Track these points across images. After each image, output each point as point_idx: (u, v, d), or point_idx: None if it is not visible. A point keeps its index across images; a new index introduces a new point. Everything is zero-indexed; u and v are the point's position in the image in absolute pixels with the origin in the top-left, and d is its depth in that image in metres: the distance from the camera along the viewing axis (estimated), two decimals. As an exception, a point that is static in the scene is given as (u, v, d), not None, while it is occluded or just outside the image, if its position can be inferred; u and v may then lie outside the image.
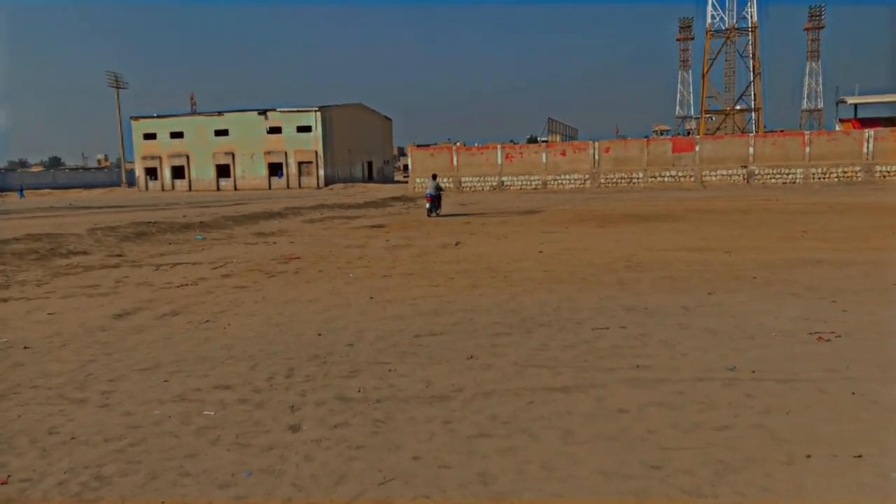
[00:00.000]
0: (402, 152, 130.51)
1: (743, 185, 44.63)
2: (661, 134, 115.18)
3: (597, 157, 47.65)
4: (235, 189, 72.31)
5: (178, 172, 76.26)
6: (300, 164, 71.89)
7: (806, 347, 6.01)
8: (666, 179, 46.45)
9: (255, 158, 72.90)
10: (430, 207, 24.48)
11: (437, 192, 24.64)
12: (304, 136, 71.27)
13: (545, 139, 76.75)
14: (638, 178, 46.92)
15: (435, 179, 25.52)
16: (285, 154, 71.81)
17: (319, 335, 6.99)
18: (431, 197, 24.53)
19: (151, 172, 77.71)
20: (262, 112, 72.29)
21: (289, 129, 71.70)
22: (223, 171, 74.36)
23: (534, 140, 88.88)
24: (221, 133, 73.94)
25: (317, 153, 71.03)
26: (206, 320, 7.86)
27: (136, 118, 78.02)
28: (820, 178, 44.21)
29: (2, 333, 7.44)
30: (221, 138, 73.91)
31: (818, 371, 5.32)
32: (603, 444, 4.08)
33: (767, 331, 6.61)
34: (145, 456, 4.07)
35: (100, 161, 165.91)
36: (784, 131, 60.37)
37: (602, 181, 47.46)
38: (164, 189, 76.01)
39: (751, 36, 73.44)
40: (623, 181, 47.16)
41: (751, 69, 74.64)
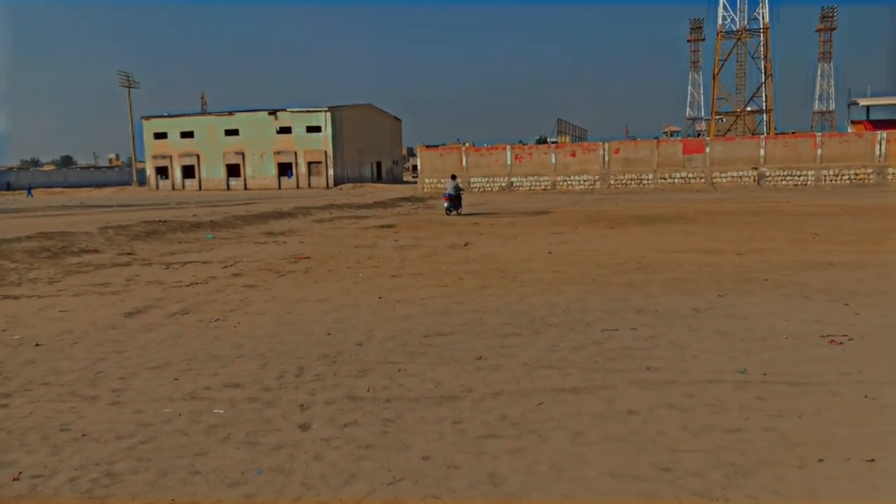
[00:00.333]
0: (411, 153, 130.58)
1: (753, 187, 44.38)
2: (672, 135, 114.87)
3: (606, 159, 47.51)
4: (245, 189, 72.55)
5: (188, 172, 76.59)
6: (310, 164, 72.06)
7: (818, 350, 5.97)
8: (676, 181, 46.26)
9: (264, 158, 73.13)
10: (449, 206, 25.29)
11: (456, 191, 25.42)
12: (313, 136, 71.43)
13: (555, 140, 76.66)
14: (648, 180, 46.75)
15: (455, 180, 26.37)
16: (295, 154, 72.00)
17: (329, 334, 7.00)
18: (450, 196, 25.33)
19: (162, 171, 78.09)
20: (273, 112, 72.52)
21: (299, 129, 71.89)
22: (233, 170, 74.63)
23: (543, 141, 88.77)
24: (232, 133, 74.21)
25: (326, 153, 71.19)
26: (217, 319, 7.89)
27: (147, 118, 78.42)
28: (831, 181, 43.89)
29: (14, 331, 7.49)
30: (232, 138, 74.19)
31: (830, 374, 5.28)
32: (612, 445, 4.06)
33: (779, 333, 6.57)
34: (156, 454, 4.09)
35: (111, 160, 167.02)
36: (795, 133, 60.02)
37: (612, 182, 47.32)
38: (174, 188, 76.37)
39: (762, 37, 73.10)
40: (633, 182, 47.00)
41: (762, 70, 74.27)
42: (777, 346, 6.15)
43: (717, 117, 79.16)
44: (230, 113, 75.00)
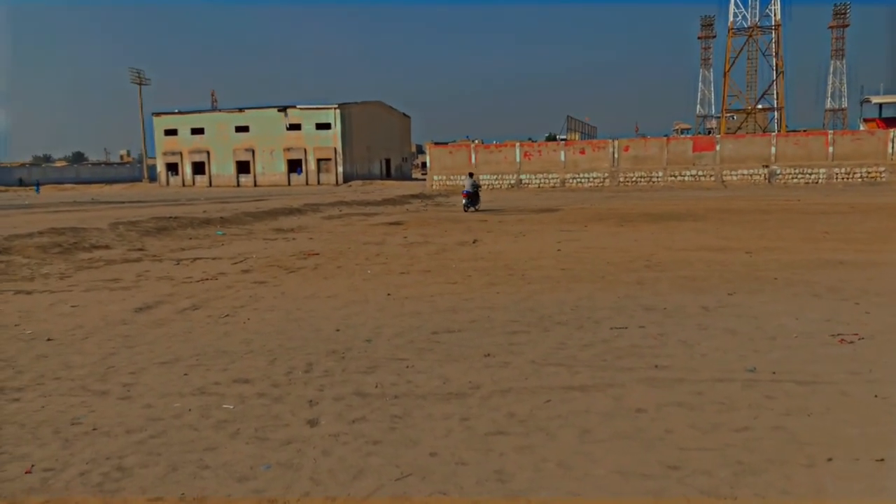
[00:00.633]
0: (420, 150, 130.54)
1: (764, 185, 44.13)
2: (682, 133, 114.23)
3: (616, 156, 47.36)
4: (255, 185, 72.82)
5: (198, 168, 76.91)
6: (319, 160, 72.22)
7: (828, 349, 5.94)
8: (686, 179, 46.05)
9: (274, 155, 73.34)
10: (467, 203, 26.06)
11: (474, 188, 26.20)
12: (323, 133, 71.57)
13: (564, 137, 76.44)
14: (657, 177, 46.56)
15: (472, 177, 27.01)
16: (305, 151, 72.18)
17: (338, 331, 7.02)
18: (468, 193, 26.11)
19: (172, 168, 78.46)
20: (283, 109, 72.71)
21: (308, 126, 72.05)
22: (243, 167, 74.90)
23: (552, 138, 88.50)
24: (242, 129, 74.47)
25: (336, 150, 71.32)
26: (226, 315, 7.93)
27: (158, 114, 78.80)
28: (843, 179, 43.58)
29: (27, 325, 7.56)
30: (242, 135, 74.44)
31: (840, 373, 5.25)
32: (620, 443, 4.06)
33: (788, 332, 6.54)
34: (165, 448, 4.12)
35: (122, 157, 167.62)
36: (807, 131, 59.58)
37: (621, 180, 47.16)
38: (184, 185, 76.71)
39: (774, 34, 72.56)
40: (642, 180, 46.82)
41: (773, 67, 73.74)
42: (787, 344, 6.12)
43: (728, 115, 78.73)
44: (240, 110, 75.25)
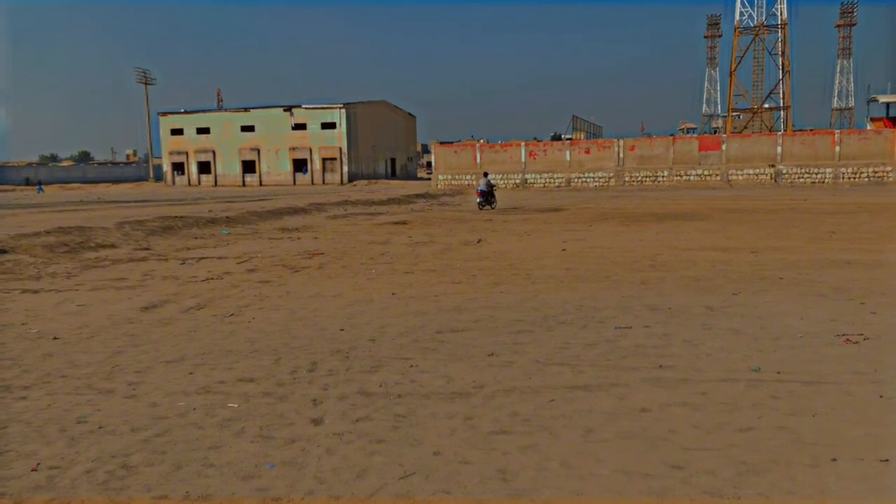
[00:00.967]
0: (425, 149, 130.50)
1: (770, 185, 43.99)
2: (688, 132, 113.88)
3: (621, 155, 47.28)
4: (260, 185, 72.96)
5: (204, 168, 77.13)
6: (324, 160, 72.33)
7: (833, 349, 5.92)
8: (691, 178, 45.94)
9: (279, 154, 73.49)
10: (482, 202, 26.63)
11: (488, 187, 26.71)
12: (328, 132, 71.68)
13: (569, 137, 76.36)
14: (663, 177, 46.47)
15: (486, 177, 27.61)
16: (310, 150, 72.30)
17: (342, 330, 7.03)
18: (482, 192, 26.68)
19: (178, 167, 78.69)
20: (288, 108, 72.84)
21: (314, 126, 72.16)
22: (248, 166, 75.07)
23: (558, 137, 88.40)
24: (247, 129, 74.64)
25: (341, 150, 71.41)
26: (231, 314, 7.96)
27: (164, 114, 79.05)
28: (850, 178, 43.40)
29: (33, 324, 7.59)
30: (247, 134, 74.61)
31: (845, 373, 5.24)
32: (624, 442, 4.06)
33: (793, 332, 6.52)
34: (170, 446, 4.13)
35: (128, 156, 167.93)
36: (813, 130, 59.37)
37: (626, 179, 47.08)
38: (190, 184, 76.92)
39: (780, 33, 72.31)
40: (648, 179, 46.73)
41: (780, 67, 73.51)
42: (791, 344, 6.11)
43: (734, 114, 78.49)
44: (246, 109, 75.43)
